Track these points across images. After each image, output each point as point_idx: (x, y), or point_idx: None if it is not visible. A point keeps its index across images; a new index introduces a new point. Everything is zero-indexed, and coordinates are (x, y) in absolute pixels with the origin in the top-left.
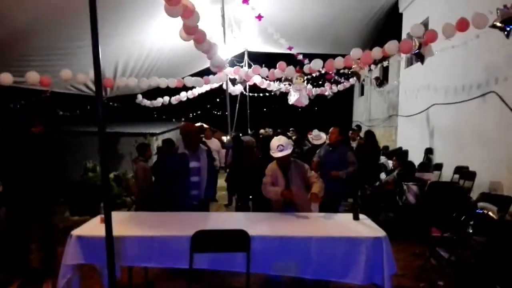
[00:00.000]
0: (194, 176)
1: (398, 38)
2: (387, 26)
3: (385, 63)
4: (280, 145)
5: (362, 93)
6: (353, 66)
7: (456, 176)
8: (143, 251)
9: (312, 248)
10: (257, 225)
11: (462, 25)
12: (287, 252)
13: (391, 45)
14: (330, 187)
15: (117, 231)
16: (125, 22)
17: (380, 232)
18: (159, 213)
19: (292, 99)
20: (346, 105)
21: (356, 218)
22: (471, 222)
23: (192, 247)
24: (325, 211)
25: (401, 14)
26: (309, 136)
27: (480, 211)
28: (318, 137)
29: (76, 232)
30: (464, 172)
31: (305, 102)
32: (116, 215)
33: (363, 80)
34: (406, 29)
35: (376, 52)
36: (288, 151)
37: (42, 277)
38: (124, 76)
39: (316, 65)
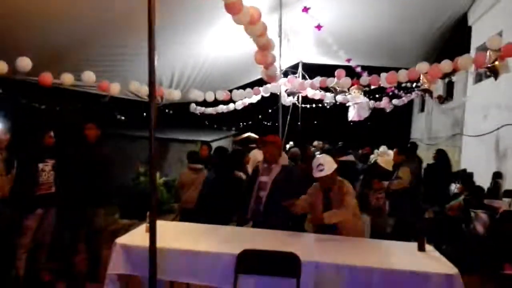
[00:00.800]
0: (261, 191)
1: (465, 53)
2: (452, 40)
3: (452, 78)
4: (320, 165)
5: (422, 109)
6: (423, 81)
7: None
8: (186, 266)
9: (373, 281)
10: (310, 248)
11: None
12: (342, 282)
13: (464, 59)
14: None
15: (161, 242)
16: (182, 31)
17: (451, 269)
18: (207, 226)
19: (350, 114)
20: (404, 120)
21: (421, 248)
22: None
23: (237, 267)
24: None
25: (470, 28)
26: (375, 152)
27: None
28: (383, 154)
29: (120, 240)
30: None
31: (364, 114)
32: (162, 225)
33: (433, 96)
34: (475, 43)
35: (446, 65)
36: (327, 172)
37: (85, 280)
38: (179, 85)
39: (383, 82)
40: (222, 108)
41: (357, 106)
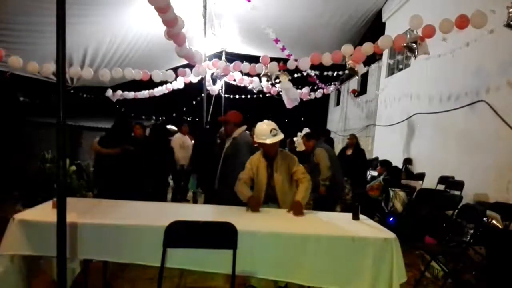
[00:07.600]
0: None
1: None
2: (368, 35)
3: (372, 66)
4: (274, 129)
5: (338, 103)
6: (349, 62)
7: (441, 186)
8: (104, 242)
9: (309, 248)
10: (241, 219)
11: (462, 22)
12: (278, 252)
13: (384, 40)
14: None
15: (73, 217)
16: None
17: (388, 233)
18: (127, 201)
19: (286, 101)
20: (321, 114)
21: (356, 217)
22: (471, 231)
23: (166, 240)
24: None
25: (384, 24)
26: (299, 134)
27: (485, 219)
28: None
29: (20, 216)
30: (451, 182)
31: (295, 98)
32: (73, 202)
33: (358, 74)
34: None
35: (367, 48)
36: (281, 137)
37: None
38: (92, 66)
39: (304, 65)
40: (143, 93)
41: (286, 93)
